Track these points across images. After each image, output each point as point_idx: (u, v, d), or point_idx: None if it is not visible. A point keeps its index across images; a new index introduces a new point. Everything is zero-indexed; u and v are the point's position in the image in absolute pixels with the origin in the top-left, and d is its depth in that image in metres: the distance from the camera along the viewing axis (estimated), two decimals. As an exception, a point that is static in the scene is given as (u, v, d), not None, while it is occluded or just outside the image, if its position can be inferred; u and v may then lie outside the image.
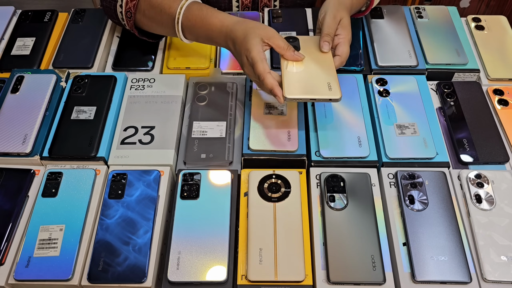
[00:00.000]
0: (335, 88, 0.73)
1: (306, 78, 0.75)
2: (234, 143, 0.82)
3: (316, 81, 0.74)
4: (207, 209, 0.73)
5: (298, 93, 0.73)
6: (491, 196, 0.74)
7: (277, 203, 0.73)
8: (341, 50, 0.79)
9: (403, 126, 0.81)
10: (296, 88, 0.73)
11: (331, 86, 0.73)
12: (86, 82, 0.88)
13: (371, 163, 0.78)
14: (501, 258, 0.68)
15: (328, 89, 0.73)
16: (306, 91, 0.73)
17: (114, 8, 0.88)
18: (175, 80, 0.89)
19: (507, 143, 0.82)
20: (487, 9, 1.97)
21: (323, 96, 0.72)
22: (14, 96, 0.86)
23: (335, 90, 0.73)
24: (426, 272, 0.66)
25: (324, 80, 0.74)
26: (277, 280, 0.66)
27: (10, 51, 0.96)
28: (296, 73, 0.75)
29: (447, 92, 0.88)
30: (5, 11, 1.04)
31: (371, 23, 0.99)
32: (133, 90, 0.89)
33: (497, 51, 0.96)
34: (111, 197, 0.74)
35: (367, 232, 0.70)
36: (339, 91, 0.72)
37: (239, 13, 1.03)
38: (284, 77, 0.74)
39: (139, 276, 0.67)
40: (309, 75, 0.75)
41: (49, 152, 0.79)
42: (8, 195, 0.75)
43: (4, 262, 0.69)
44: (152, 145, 0.80)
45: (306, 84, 0.74)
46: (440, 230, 0.70)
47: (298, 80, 0.74)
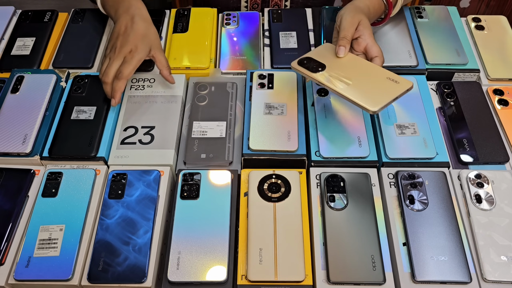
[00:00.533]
0: (402, 80, 0.73)
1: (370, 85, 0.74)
2: (234, 143, 0.82)
3: (382, 84, 0.73)
4: (207, 209, 0.73)
5: (384, 100, 0.71)
6: (491, 196, 0.74)
7: (277, 203, 0.73)
8: (375, 50, 0.79)
9: (403, 126, 0.81)
10: (376, 98, 0.71)
11: (395, 80, 0.73)
12: (86, 82, 0.88)
13: (371, 163, 0.78)
14: (501, 258, 0.68)
15: (397, 82, 0.73)
16: (387, 95, 0.71)
17: None
18: (175, 80, 0.89)
19: (507, 143, 0.82)
20: (487, 9, 1.97)
21: (402, 91, 0.72)
22: (14, 96, 0.86)
23: (403, 81, 0.73)
24: (426, 272, 0.66)
25: (384, 77, 0.74)
26: (277, 280, 0.66)
27: (10, 51, 0.96)
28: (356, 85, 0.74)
29: (447, 92, 0.88)
30: (5, 11, 1.04)
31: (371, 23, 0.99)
32: (133, 90, 0.89)
33: (497, 51, 0.96)
34: (111, 197, 0.74)
35: (367, 232, 0.70)
36: (409, 80, 0.73)
37: (239, 13, 1.03)
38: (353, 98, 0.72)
39: (139, 276, 0.67)
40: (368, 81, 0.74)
41: (49, 152, 0.79)
42: (8, 195, 0.75)
43: (4, 262, 0.69)
44: (152, 145, 0.80)
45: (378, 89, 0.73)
46: (440, 230, 0.70)
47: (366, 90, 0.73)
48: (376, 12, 0.88)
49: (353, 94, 0.72)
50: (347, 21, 0.80)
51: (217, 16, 1.04)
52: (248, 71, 0.90)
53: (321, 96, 0.86)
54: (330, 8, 1.03)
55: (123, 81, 0.80)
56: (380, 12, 0.90)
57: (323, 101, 0.85)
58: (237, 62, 0.94)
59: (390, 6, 0.89)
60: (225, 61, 0.94)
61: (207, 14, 1.02)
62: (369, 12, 0.85)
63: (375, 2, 0.87)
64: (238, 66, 0.93)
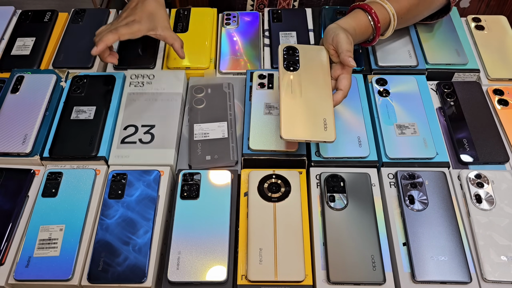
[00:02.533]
0: (330, 130, 0.70)
1: (304, 114, 0.71)
2: (237, 142, 0.82)
3: (313, 119, 0.71)
4: (207, 209, 0.73)
5: (295, 135, 0.69)
6: (491, 196, 0.74)
7: (277, 203, 0.73)
8: (343, 84, 0.75)
9: (403, 126, 0.81)
10: (292, 129, 0.70)
11: (326, 125, 0.70)
12: (85, 82, 0.88)
13: (371, 163, 0.78)
14: (501, 258, 0.68)
15: (323, 128, 0.70)
16: (301, 133, 0.70)
17: None
18: (175, 76, 0.89)
19: (507, 143, 0.82)
20: (487, 9, 1.97)
21: (317, 139, 0.70)
22: (14, 96, 0.86)
23: (329, 132, 0.69)
24: (426, 272, 0.66)
25: (320, 116, 0.71)
26: (277, 280, 0.66)
27: (10, 51, 0.96)
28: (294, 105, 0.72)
29: (447, 92, 0.88)
30: (5, 11, 1.04)
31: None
32: (132, 87, 0.88)
33: (497, 51, 0.96)
34: (111, 197, 0.74)
35: (367, 232, 0.70)
36: (334, 134, 0.69)
37: (239, 13, 1.03)
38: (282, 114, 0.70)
39: (139, 276, 0.67)
40: (307, 109, 0.72)
41: (50, 153, 0.79)
42: (8, 195, 0.75)
43: (4, 262, 0.69)
44: (152, 145, 0.80)
45: (303, 124, 0.70)
46: (440, 230, 0.70)
47: (296, 118, 0.71)
48: (363, 34, 0.83)
49: (285, 108, 0.71)
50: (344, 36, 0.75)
51: (217, 16, 1.04)
52: (248, 71, 0.90)
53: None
54: (330, 8, 1.03)
55: (113, 35, 0.78)
56: (367, 35, 0.84)
57: (323, 101, 0.85)
58: (237, 62, 0.94)
59: (378, 30, 0.83)
60: (225, 61, 0.94)
61: (207, 14, 1.02)
62: (355, 34, 0.80)
63: (362, 25, 0.82)
64: (238, 66, 0.93)
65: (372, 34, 0.85)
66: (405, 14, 0.86)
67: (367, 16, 0.82)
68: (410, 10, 0.86)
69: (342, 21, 0.81)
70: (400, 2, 0.84)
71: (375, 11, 0.81)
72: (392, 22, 0.84)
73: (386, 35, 0.87)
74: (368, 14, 0.82)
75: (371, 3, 0.83)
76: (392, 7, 0.83)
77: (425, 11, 0.91)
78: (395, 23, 0.84)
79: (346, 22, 0.80)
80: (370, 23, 0.82)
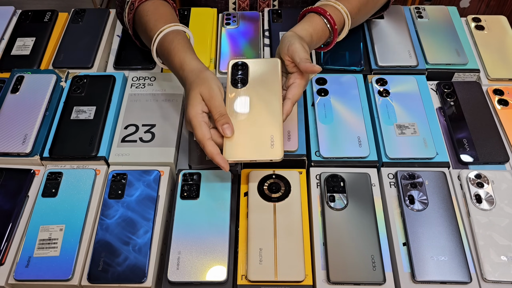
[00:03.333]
0: (278, 147, 0.66)
1: (250, 132, 0.68)
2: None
3: (259, 137, 0.68)
4: (207, 209, 0.73)
5: (238, 156, 0.67)
6: (491, 196, 0.74)
7: (277, 203, 0.73)
8: (293, 93, 0.71)
9: (403, 126, 0.81)
10: (236, 150, 0.67)
11: (273, 143, 0.67)
12: (85, 82, 0.88)
13: (371, 163, 0.78)
14: (501, 258, 0.68)
15: (270, 146, 0.67)
16: (245, 153, 0.67)
17: (121, 18, 0.92)
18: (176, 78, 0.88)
19: (507, 143, 0.82)
20: (487, 9, 1.97)
21: (262, 158, 0.67)
22: (14, 96, 0.86)
23: (276, 150, 0.66)
24: (426, 272, 0.66)
25: (267, 134, 0.68)
26: (277, 280, 0.66)
27: (10, 51, 0.96)
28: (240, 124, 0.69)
29: (447, 92, 0.88)
30: (5, 11, 1.04)
31: (371, 23, 0.99)
32: (133, 88, 0.89)
33: (497, 51, 0.96)
34: (111, 197, 0.74)
35: (367, 232, 0.70)
36: (281, 152, 0.66)
37: (239, 13, 1.03)
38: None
39: (139, 276, 0.67)
40: (254, 128, 0.69)
41: (50, 153, 0.79)
42: (8, 195, 0.75)
43: (4, 262, 0.69)
44: (153, 143, 0.80)
45: (248, 143, 0.68)
46: (440, 230, 0.70)
47: (241, 138, 0.68)
48: (320, 39, 0.80)
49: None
50: (300, 45, 0.72)
51: (217, 16, 1.04)
52: (248, 71, 0.90)
53: (321, 96, 0.86)
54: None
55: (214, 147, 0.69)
56: (324, 38, 0.81)
57: (323, 101, 0.85)
58: (237, 62, 0.94)
59: (335, 33, 0.80)
60: (225, 61, 0.94)
61: (207, 14, 1.02)
62: (312, 40, 0.78)
63: (318, 29, 0.79)
64: (238, 66, 0.93)
65: (329, 37, 0.82)
66: (356, 14, 0.84)
67: (322, 19, 0.79)
68: (360, 10, 0.85)
69: (298, 28, 0.78)
70: (351, 2, 0.83)
71: (329, 13, 0.79)
72: (346, 23, 0.82)
73: (341, 36, 0.84)
74: (323, 17, 0.79)
75: (324, 6, 0.80)
76: (345, 7, 0.81)
77: (372, 10, 0.91)
78: (349, 23, 0.82)
79: (302, 29, 0.77)
80: (327, 26, 0.80)
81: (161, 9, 0.84)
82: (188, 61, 0.75)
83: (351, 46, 0.95)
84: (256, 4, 1.07)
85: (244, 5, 1.06)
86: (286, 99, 0.71)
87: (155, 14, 0.82)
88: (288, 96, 0.71)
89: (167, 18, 0.82)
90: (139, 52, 0.95)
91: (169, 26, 0.79)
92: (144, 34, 0.85)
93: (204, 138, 0.67)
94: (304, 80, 0.73)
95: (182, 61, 0.75)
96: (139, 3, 0.85)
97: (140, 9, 0.85)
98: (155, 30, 0.80)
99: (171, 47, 0.77)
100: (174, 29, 0.79)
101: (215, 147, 0.67)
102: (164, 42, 0.78)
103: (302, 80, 0.72)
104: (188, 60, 0.75)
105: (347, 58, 0.93)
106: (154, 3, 0.84)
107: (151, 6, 0.84)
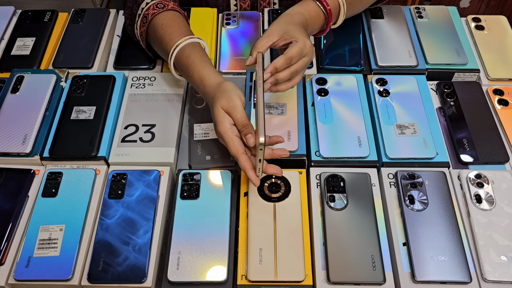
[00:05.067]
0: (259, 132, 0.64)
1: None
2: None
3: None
4: (207, 209, 0.73)
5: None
6: (491, 196, 0.74)
7: (277, 203, 0.73)
8: (287, 50, 0.73)
9: (403, 126, 0.81)
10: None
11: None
12: (85, 82, 0.88)
13: (371, 163, 0.78)
14: (501, 258, 0.68)
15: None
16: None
17: (132, 30, 0.92)
18: (176, 78, 0.89)
19: (507, 143, 0.82)
20: (487, 9, 1.97)
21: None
22: (14, 96, 0.86)
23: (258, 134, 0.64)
24: (426, 272, 0.66)
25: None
26: (277, 280, 0.66)
27: (10, 51, 0.96)
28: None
29: (447, 92, 0.88)
30: (5, 11, 1.04)
31: (371, 23, 0.99)
32: (133, 88, 0.89)
33: (497, 51, 0.96)
34: (111, 197, 0.74)
35: (367, 232, 0.70)
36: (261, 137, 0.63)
37: (239, 13, 1.03)
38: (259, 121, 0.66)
39: (139, 276, 0.67)
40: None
41: (50, 153, 0.79)
42: (8, 195, 0.75)
43: (4, 262, 0.69)
44: (153, 143, 0.80)
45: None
46: (440, 230, 0.70)
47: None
48: (315, 20, 0.81)
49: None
50: (265, 35, 0.74)
51: (217, 16, 1.04)
52: (248, 71, 0.90)
53: (321, 96, 0.86)
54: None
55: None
56: (319, 21, 0.83)
57: (323, 101, 0.85)
58: (237, 62, 0.94)
59: (330, 15, 0.81)
60: (225, 61, 0.94)
61: (207, 14, 1.02)
62: (306, 21, 0.79)
63: (310, 10, 0.80)
64: (238, 66, 0.93)
65: (324, 22, 0.84)
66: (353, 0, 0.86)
67: (315, 2, 0.81)
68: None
69: (291, 10, 0.79)
70: None
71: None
72: (342, 8, 0.83)
73: (338, 23, 0.86)
74: (317, 1, 0.81)
75: None
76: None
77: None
78: (344, 9, 0.84)
79: (294, 10, 0.79)
80: (320, 8, 0.81)
81: (175, 22, 0.83)
82: (207, 76, 0.75)
83: (351, 46, 0.95)
84: (257, 3, 1.07)
85: (245, 5, 1.06)
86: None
87: (169, 27, 0.82)
88: (284, 53, 0.73)
89: (181, 30, 0.81)
90: (139, 52, 0.95)
91: (184, 40, 0.79)
92: (159, 48, 0.85)
93: (238, 153, 0.69)
94: (300, 41, 0.73)
95: (202, 77, 0.75)
96: (152, 17, 0.84)
97: (153, 22, 0.84)
98: (171, 44, 0.79)
99: (189, 63, 0.77)
100: (190, 42, 0.79)
101: (248, 162, 0.68)
102: (182, 57, 0.78)
103: (298, 42, 0.73)
104: (207, 75, 0.75)
105: (347, 58, 0.93)
106: (167, 15, 0.84)
107: (164, 19, 0.83)
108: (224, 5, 1.07)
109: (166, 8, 0.85)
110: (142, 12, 0.86)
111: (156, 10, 0.84)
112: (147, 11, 0.85)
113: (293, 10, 0.80)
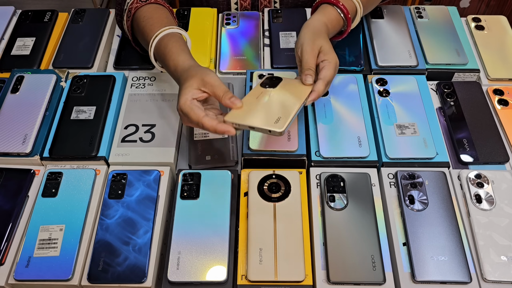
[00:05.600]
0: (282, 123, 0.66)
1: (260, 108, 0.69)
2: (237, 142, 0.82)
3: (266, 113, 0.68)
4: (207, 209, 0.73)
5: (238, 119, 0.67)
6: (491, 196, 0.74)
7: (277, 203, 0.73)
8: (324, 74, 0.73)
9: (403, 126, 0.81)
10: (240, 115, 0.67)
11: (279, 120, 0.66)
12: (85, 82, 0.88)
13: (371, 163, 0.78)
14: (501, 258, 0.68)
15: (274, 122, 0.66)
16: (247, 119, 0.67)
17: (121, 25, 0.92)
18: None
19: (507, 143, 0.82)
20: (487, 9, 1.97)
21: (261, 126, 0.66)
22: (14, 96, 0.86)
23: (280, 124, 0.66)
24: (426, 272, 0.66)
25: (276, 114, 0.68)
26: (277, 280, 0.66)
27: (10, 51, 0.96)
28: (254, 102, 0.71)
29: (447, 92, 0.88)
30: (5, 11, 1.04)
31: (371, 23, 0.99)
32: (133, 88, 0.89)
33: (497, 51, 0.96)
34: (111, 197, 0.74)
35: (367, 232, 0.70)
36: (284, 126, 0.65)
37: (239, 13, 1.03)
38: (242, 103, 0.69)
39: (139, 276, 0.67)
40: (266, 106, 0.70)
41: (50, 153, 0.79)
42: (8, 195, 0.75)
43: (4, 262, 0.69)
44: (152, 143, 0.80)
45: (254, 113, 0.68)
46: (440, 230, 0.70)
47: (249, 109, 0.69)
48: (334, 28, 0.83)
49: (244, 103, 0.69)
50: (308, 52, 0.74)
51: (217, 16, 1.04)
52: (248, 71, 0.90)
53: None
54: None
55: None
56: (338, 28, 0.85)
57: (323, 101, 0.85)
58: (237, 62, 0.94)
59: (349, 22, 0.84)
60: (225, 61, 0.94)
61: (207, 14, 1.02)
62: (328, 29, 0.81)
63: (333, 18, 0.82)
64: (238, 66, 0.93)
65: (343, 26, 0.86)
66: (367, 2, 0.88)
67: (335, 9, 0.83)
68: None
69: (314, 20, 0.81)
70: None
71: (342, 3, 0.82)
72: (358, 11, 0.86)
73: (353, 25, 0.88)
74: (336, 7, 0.83)
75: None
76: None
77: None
78: (361, 11, 0.86)
79: (317, 20, 0.80)
80: (340, 16, 0.83)
81: (157, 14, 0.84)
82: (181, 62, 0.75)
83: (351, 46, 0.95)
84: (257, 2, 1.07)
85: (246, 4, 1.06)
86: (318, 80, 0.74)
87: (151, 19, 0.83)
88: (319, 77, 0.74)
89: (163, 22, 0.82)
90: (139, 52, 0.95)
91: (163, 30, 0.79)
92: (142, 40, 0.85)
93: (199, 117, 0.67)
94: (333, 62, 0.75)
95: (176, 63, 0.75)
96: (135, 10, 0.85)
97: (136, 15, 0.85)
98: (151, 35, 0.80)
99: (166, 51, 0.77)
100: (169, 32, 0.80)
101: (213, 120, 0.67)
102: (160, 46, 0.79)
103: (331, 63, 0.74)
104: (181, 61, 0.75)
105: (347, 58, 0.93)
106: (149, 8, 0.85)
107: (146, 12, 0.84)
108: (225, 4, 1.07)
109: (149, 1, 0.85)
110: (127, 6, 0.87)
111: (139, 4, 0.85)
112: (131, 5, 0.86)
113: (319, 21, 0.80)
